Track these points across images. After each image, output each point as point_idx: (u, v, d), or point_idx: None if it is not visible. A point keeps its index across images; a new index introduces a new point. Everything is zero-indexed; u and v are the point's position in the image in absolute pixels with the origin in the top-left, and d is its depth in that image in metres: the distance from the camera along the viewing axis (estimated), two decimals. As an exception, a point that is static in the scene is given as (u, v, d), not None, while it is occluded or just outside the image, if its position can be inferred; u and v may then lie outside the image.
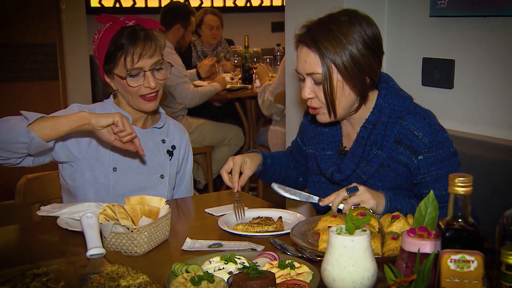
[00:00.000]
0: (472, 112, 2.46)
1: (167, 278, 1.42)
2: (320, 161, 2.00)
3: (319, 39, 1.79)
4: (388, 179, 1.88)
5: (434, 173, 1.83)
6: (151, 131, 2.21)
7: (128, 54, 2.01)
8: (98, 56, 2.08)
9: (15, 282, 1.35)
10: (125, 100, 2.13)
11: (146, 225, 1.65)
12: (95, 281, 1.35)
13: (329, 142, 2.01)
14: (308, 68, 1.82)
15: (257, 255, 1.55)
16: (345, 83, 1.81)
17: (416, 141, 1.83)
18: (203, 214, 2.03)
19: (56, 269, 1.48)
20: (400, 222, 1.62)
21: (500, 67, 2.33)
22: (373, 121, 1.88)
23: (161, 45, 2.08)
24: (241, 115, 5.05)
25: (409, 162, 1.85)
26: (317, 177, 2.05)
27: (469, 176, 1.12)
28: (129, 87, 2.04)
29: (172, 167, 2.24)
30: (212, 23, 5.50)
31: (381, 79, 1.91)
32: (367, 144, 1.88)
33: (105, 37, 2.04)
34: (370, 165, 1.88)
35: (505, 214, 1.17)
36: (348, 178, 1.92)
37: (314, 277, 1.41)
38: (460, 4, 2.38)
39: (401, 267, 1.25)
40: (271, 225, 1.80)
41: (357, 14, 1.84)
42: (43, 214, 1.94)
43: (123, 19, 2.08)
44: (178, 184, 2.33)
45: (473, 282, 1.08)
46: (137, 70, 2.04)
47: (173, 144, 2.26)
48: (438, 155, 1.83)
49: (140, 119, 2.18)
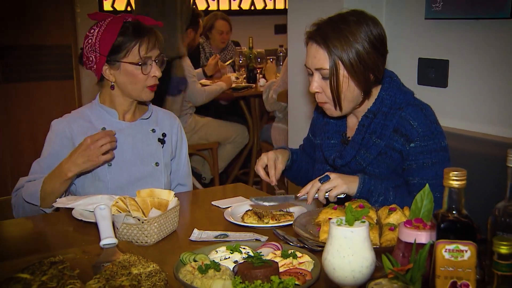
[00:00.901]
0: (465, 109, 2.45)
1: (176, 266, 1.43)
2: (325, 149, 2.01)
3: (328, 37, 1.81)
4: (385, 166, 1.89)
5: (421, 161, 1.84)
6: (139, 123, 2.21)
7: (142, 43, 2.06)
8: (100, 49, 2.06)
9: (33, 270, 1.35)
10: (123, 92, 2.13)
11: (156, 216, 1.65)
12: (108, 269, 1.35)
13: (334, 132, 2.02)
14: (317, 64, 1.84)
15: (261, 245, 1.55)
16: (350, 79, 1.83)
17: (411, 130, 1.84)
18: (210, 206, 2.03)
19: (72, 257, 1.49)
20: (397, 214, 1.62)
21: (492, 67, 2.33)
22: (374, 111, 1.90)
23: (161, 40, 2.14)
24: (246, 113, 5.05)
25: (402, 149, 1.86)
26: (322, 165, 2.06)
27: (463, 171, 1.12)
28: (140, 74, 2.07)
29: (166, 154, 2.24)
30: (223, 28, 5.50)
31: (385, 74, 1.92)
32: (367, 132, 1.89)
33: (109, 31, 2.06)
34: (369, 152, 1.89)
35: (497, 206, 1.17)
36: (349, 163, 1.93)
37: (315, 266, 1.42)
38: (454, 7, 2.38)
39: (398, 256, 1.24)
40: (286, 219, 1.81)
41: (364, 15, 1.85)
42: (59, 205, 1.94)
43: (122, 16, 2.11)
44: (176, 170, 2.33)
45: (466, 271, 1.08)
46: (147, 59, 2.08)
47: (164, 132, 2.26)
48: (428, 145, 1.83)
49: (128, 112, 2.19)
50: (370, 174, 1.89)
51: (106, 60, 2.08)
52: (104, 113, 2.16)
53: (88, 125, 2.13)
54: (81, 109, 2.22)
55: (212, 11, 6.47)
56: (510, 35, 2.24)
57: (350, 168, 1.93)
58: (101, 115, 2.16)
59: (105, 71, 2.10)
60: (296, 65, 3.11)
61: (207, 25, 5.48)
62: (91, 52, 2.09)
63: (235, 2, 6.99)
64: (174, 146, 2.30)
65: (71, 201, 1.93)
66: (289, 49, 3.19)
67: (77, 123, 2.13)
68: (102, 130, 2.08)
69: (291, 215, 1.83)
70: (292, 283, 1.32)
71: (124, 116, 2.19)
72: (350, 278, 1.16)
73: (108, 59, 2.07)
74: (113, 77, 2.11)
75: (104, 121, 2.15)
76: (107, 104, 2.17)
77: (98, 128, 2.12)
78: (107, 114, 2.16)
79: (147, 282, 1.28)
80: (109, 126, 2.13)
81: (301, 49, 3.05)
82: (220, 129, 4.85)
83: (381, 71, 1.88)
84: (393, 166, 1.89)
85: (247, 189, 2.28)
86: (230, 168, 5.18)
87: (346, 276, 1.16)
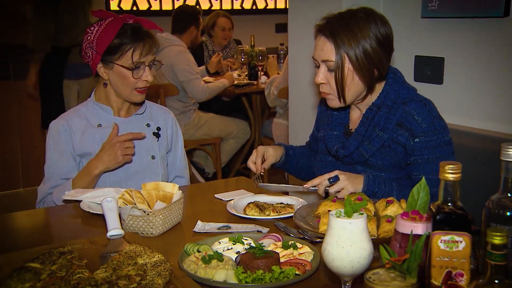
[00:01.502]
0: (460, 105, 2.45)
1: (180, 257, 1.43)
2: (328, 140, 2.02)
3: (337, 31, 1.81)
4: (388, 158, 1.89)
5: (426, 156, 1.84)
6: (134, 118, 2.22)
7: (137, 48, 2.05)
8: (96, 47, 2.06)
9: (43, 259, 1.35)
10: (115, 91, 2.14)
11: (161, 208, 1.65)
12: (114, 259, 1.35)
13: (337, 123, 2.03)
14: (324, 56, 1.84)
15: (263, 237, 1.55)
16: (355, 73, 1.83)
17: (415, 125, 1.84)
18: (213, 199, 2.03)
19: (80, 248, 1.49)
20: (394, 206, 1.62)
21: (487, 65, 2.32)
22: (379, 104, 1.90)
23: (157, 46, 2.14)
24: (247, 109, 5.05)
25: (406, 143, 1.85)
26: (324, 157, 2.06)
27: (458, 164, 1.12)
28: (131, 78, 2.07)
29: (162, 147, 2.25)
30: (225, 25, 5.50)
31: (390, 70, 1.93)
32: (371, 125, 1.90)
33: (108, 31, 2.05)
34: (372, 144, 1.89)
35: (491, 199, 1.16)
36: (351, 154, 1.93)
37: (314, 256, 1.42)
38: (450, 6, 2.37)
39: (395, 247, 1.24)
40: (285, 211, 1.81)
41: (374, 13, 1.85)
42: (68, 198, 1.94)
43: (123, 17, 2.11)
44: (172, 163, 2.33)
45: (461, 261, 1.08)
46: (140, 64, 2.08)
47: (158, 126, 2.26)
48: (432, 140, 1.83)
49: (123, 108, 2.20)
50: (372, 165, 1.90)
51: (101, 59, 2.08)
52: (99, 110, 2.17)
53: (84, 122, 2.14)
54: (77, 107, 2.23)
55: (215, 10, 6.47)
56: (504, 34, 2.23)
57: (353, 159, 1.93)
58: (96, 112, 2.17)
59: (99, 69, 2.11)
60: (297, 63, 3.11)
61: (209, 23, 5.48)
62: (88, 48, 2.10)
63: (237, 1, 6.98)
64: (170, 139, 2.31)
65: (79, 194, 1.92)
66: (290, 47, 3.18)
67: (74, 121, 2.14)
68: (129, 132, 2.09)
69: (292, 207, 1.83)
70: (293, 273, 1.33)
71: (119, 112, 2.19)
72: (348, 268, 1.16)
73: (103, 58, 2.08)
74: (107, 75, 2.11)
75: (100, 118, 2.16)
76: (102, 101, 2.18)
77: (94, 125, 2.14)
78: (102, 111, 2.17)
79: (153, 272, 1.28)
80: (104, 123, 2.15)
81: (301, 47, 3.05)
82: (222, 124, 4.85)
83: (386, 68, 1.88)
84: (397, 159, 1.88)
85: (249, 182, 2.28)
86: (232, 162, 5.18)
87: (344, 266, 1.16)
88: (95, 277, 1.26)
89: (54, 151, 2.11)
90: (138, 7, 6.38)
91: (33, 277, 1.27)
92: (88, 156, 2.10)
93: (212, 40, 5.58)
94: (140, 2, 6.38)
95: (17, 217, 1.95)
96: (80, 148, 2.11)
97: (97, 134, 2.12)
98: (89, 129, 2.12)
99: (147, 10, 6.41)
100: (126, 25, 2.08)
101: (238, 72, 5.35)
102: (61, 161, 2.09)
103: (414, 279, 1.10)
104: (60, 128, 2.11)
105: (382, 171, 1.90)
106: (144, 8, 6.41)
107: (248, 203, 1.86)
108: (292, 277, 1.31)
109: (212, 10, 6.59)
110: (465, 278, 1.08)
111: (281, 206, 1.83)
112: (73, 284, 1.23)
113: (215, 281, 1.30)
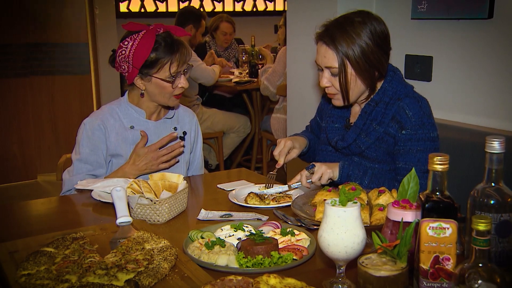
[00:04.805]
0: (448, 101, 2.44)
1: (185, 242, 1.43)
2: (329, 131, 2.02)
3: (335, 37, 1.81)
4: (381, 150, 1.89)
5: (408, 147, 1.84)
6: (163, 122, 2.19)
7: (174, 61, 2.01)
8: (133, 62, 2.00)
9: (57, 244, 1.36)
10: (151, 99, 2.10)
11: (167, 198, 1.65)
12: (124, 244, 1.35)
13: (339, 116, 2.03)
14: (327, 63, 1.84)
15: (262, 224, 1.56)
16: (357, 76, 1.84)
17: (405, 118, 1.84)
18: (216, 189, 2.03)
19: (91, 234, 1.49)
20: (385, 196, 1.62)
21: (472, 63, 2.31)
22: (377, 100, 1.90)
23: (190, 52, 2.10)
24: (248, 105, 5.04)
25: (396, 135, 1.86)
26: (325, 146, 2.07)
27: (446, 156, 1.12)
28: (170, 88, 2.04)
29: (186, 151, 2.23)
30: (227, 30, 5.46)
31: (389, 69, 1.92)
32: (368, 119, 1.90)
33: (143, 46, 1.98)
34: (368, 137, 1.89)
35: (476, 188, 1.16)
36: (349, 146, 1.93)
37: (311, 243, 1.42)
38: (438, 9, 2.36)
39: (387, 234, 1.24)
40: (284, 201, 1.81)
41: (369, 15, 1.85)
42: (80, 187, 1.94)
43: (154, 27, 2.03)
44: (191, 162, 2.32)
45: (448, 246, 1.08)
46: (177, 73, 2.04)
47: (184, 130, 2.24)
48: (417, 134, 1.83)
49: (154, 113, 2.16)
50: (367, 157, 1.91)
51: (138, 72, 2.03)
52: (133, 112, 2.13)
53: (118, 123, 2.10)
54: (110, 106, 2.15)
55: (217, 12, 6.45)
56: (488, 34, 2.23)
57: (350, 150, 1.93)
58: (129, 113, 2.13)
59: (136, 81, 2.06)
60: (294, 61, 3.10)
61: (213, 25, 5.45)
62: (124, 62, 2.03)
63: (239, 4, 6.96)
64: (192, 141, 2.29)
65: (90, 184, 1.93)
66: (288, 46, 3.17)
67: (109, 121, 2.09)
68: (163, 137, 2.07)
69: (290, 197, 1.83)
70: (290, 258, 1.33)
71: (150, 116, 2.16)
72: (343, 253, 1.16)
73: (141, 71, 2.03)
74: (144, 86, 2.07)
75: (132, 120, 2.12)
76: (135, 103, 2.14)
77: (126, 126, 2.10)
78: (135, 113, 2.13)
79: (159, 256, 1.28)
80: (136, 125, 2.11)
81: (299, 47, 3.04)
82: (224, 119, 4.84)
83: (385, 67, 1.88)
84: (389, 150, 1.89)
85: (249, 173, 2.28)
86: (234, 155, 5.18)
87: (339, 251, 1.16)
88: (105, 261, 1.27)
89: (87, 147, 2.06)
90: (145, 9, 6.36)
91: (47, 260, 1.27)
92: (119, 157, 2.08)
93: (214, 41, 5.57)
94: (147, 4, 6.36)
95: (33, 205, 1.95)
96: (114, 149, 2.08)
97: (130, 136, 2.09)
98: (122, 130, 2.09)
99: (154, 11, 6.39)
100: (158, 36, 2.01)
101: (239, 70, 5.34)
102: (92, 158, 2.05)
103: (404, 263, 1.10)
104: (95, 127, 2.06)
105: (376, 162, 1.90)
106: (152, 9, 6.39)
107: (249, 192, 1.86)
108: (290, 262, 1.32)
109: (215, 12, 6.58)
110: (452, 262, 1.08)
111: (280, 196, 1.84)
112: (85, 268, 1.23)
113: (218, 265, 1.30)
